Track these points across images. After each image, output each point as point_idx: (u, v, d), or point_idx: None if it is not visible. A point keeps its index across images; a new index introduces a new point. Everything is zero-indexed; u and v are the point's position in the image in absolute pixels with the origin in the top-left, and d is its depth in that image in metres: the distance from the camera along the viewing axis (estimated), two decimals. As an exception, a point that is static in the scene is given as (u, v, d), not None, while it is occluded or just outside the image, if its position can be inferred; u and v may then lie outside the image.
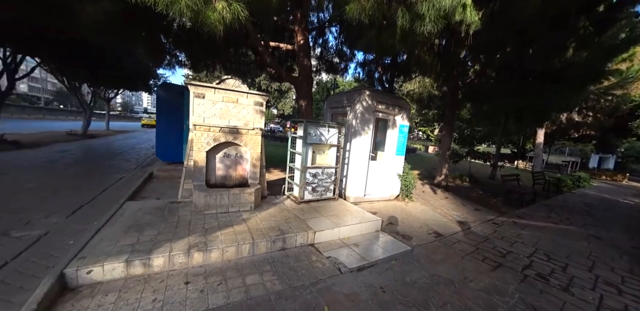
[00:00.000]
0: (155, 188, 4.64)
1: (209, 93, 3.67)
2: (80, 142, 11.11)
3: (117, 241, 2.39)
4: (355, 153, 4.93)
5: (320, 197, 4.41)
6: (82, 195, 3.99)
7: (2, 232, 2.67)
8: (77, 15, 2.63)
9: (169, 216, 3.11)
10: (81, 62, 8.53)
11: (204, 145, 3.60)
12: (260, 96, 4.14)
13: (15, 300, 1.77)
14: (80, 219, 3.12)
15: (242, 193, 3.51)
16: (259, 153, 4.05)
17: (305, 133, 4.08)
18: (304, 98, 5.44)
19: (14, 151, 7.39)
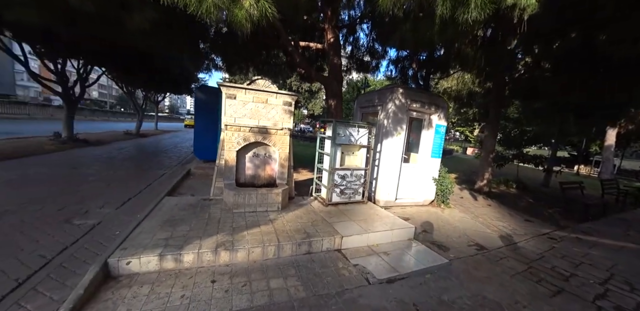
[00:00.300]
0: (191, 185, 4.92)
1: (239, 94, 3.75)
2: (134, 140, 12.44)
3: (153, 234, 2.52)
4: (387, 155, 4.66)
5: (349, 199, 4.25)
6: (131, 188, 4.38)
7: (66, 219, 3.02)
8: (126, 25, 2.85)
9: (200, 213, 3.23)
10: (136, 70, 9.58)
11: (234, 145, 3.68)
12: (289, 96, 4.12)
13: (68, 283, 1.94)
14: (127, 211, 3.40)
15: (270, 193, 3.51)
16: (287, 154, 4.03)
17: (333, 133, 3.95)
18: (333, 98, 5.32)
19: (84, 148, 8.52)
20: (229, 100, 3.71)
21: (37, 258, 2.21)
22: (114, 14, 2.68)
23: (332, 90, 5.37)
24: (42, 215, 3.07)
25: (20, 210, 3.14)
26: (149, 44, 4.22)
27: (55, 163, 5.87)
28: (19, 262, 2.14)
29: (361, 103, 5.82)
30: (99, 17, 2.74)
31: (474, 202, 5.99)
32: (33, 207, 3.28)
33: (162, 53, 6.99)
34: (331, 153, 4.00)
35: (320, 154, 4.60)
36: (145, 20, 2.79)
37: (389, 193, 4.79)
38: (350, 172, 4.20)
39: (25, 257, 2.20)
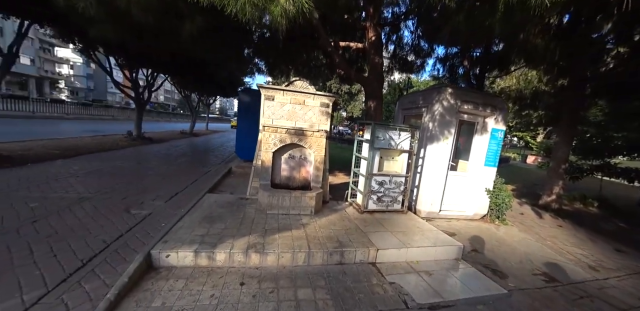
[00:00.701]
0: (231, 183, 5.17)
1: (278, 95, 3.79)
2: (188, 139, 13.85)
3: (192, 230, 2.65)
4: (431, 161, 4.23)
5: (386, 208, 3.95)
6: (180, 183, 4.79)
7: (125, 208, 3.40)
8: (180, 33, 3.09)
9: (236, 211, 3.32)
10: (190, 76, 10.70)
11: (271, 146, 3.72)
12: (327, 97, 4.03)
13: (119, 269, 2.12)
14: (174, 204, 3.70)
15: (304, 196, 3.45)
16: (323, 156, 3.93)
17: (372, 136, 3.72)
18: (373, 99, 5.06)
19: (149, 145, 9.76)
20: (268, 101, 3.78)
21: (99, 242, 2.49)
22: (169, 24, 2.93)
23: (372, 91, 5.12)
24: (109, 203, 3.52)
25: (94, 198, 3.65)
26: (200, 51, 4.57)
27: (126, 158, 6.79)
28: (86, 244, 2.43)
29: (403, 104, 5.44)
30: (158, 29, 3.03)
31: (538, 221, 5.08)
32: (103, 195, 3.78)
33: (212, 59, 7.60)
34: (369, 157, 3.77)
35: (357, 158, 4.40)
36: (195, 27, 2.98)
37: (432, 203, 4.33)
38: (389, 178, 3.90)
39: (91, 240, 2.50)
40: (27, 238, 2.43)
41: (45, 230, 2.61)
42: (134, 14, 2.53)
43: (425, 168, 4.29)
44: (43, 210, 3.07)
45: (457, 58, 7.52)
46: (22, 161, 5.15)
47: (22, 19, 5.01)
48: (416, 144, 4.00)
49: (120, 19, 2.65)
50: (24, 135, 8.24)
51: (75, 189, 3.91)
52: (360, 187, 4.19)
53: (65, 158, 5.95)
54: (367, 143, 3.97)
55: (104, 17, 2.59)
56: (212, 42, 4.09)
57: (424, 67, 8.36)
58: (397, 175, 3.97)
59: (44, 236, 2.50)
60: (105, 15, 2.52)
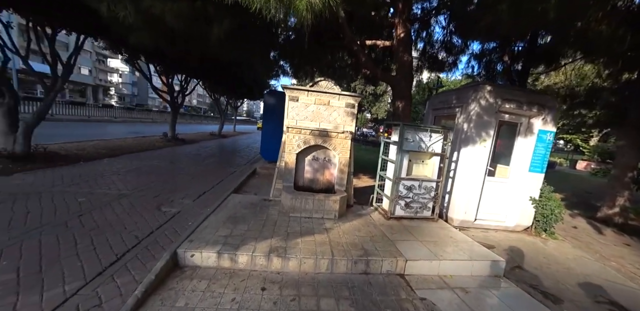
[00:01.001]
0: (255, 183, 5.25)
1: (302, 96, 3.74)
2: (216, 140, 14.54)
3: (216, 230, 2.68)
4: (466, 166, 3.87)
5: (415, 214, 3.69)
6: (207, 183, 4.97)
7: (157, 206, 3.58)
8: (209, 37, 3.18)
9: (259, 213, 3.31)
10: (220, 80, 11.24)
11: (294, 147, 3.68)
12: (352, 97, 3.90)
13: (148, 266, 2.20)
14: (201, 203, 3.82)
15: (327, 199, 3.34)
16: (348, 159, 3.80)
17: (400, 138, 3.50)
18: (401, 99, 4.81)
19: (181, 146, 10.41)
20: (292, 102, 3.75)
21: (132, 238, 2.62)
22: (199, 29, 3.03)
23: (400, 91, 4.87)
24: (143, 200, 3.74)
25: (132, 195, 3.91)
26: (227, 55, 4.71)
27: (161, 157, 7.27)
28: (121, 239, 2.57)
29: (434, 104, 5.10)
30: (188, 34, 3.17)
31: (597, 236, 4.40)
32: (139, 192, 4.04)
33: (239, 63, 7.87)
34: (396, 160, 3.55)
35: (383, 161, 4.19)
36: (222, 31, 3.05)
37: (467, 211, 3.96)
38: (419, 183, 3.64)
39: (126, 236, 2.64)
40: (74, 231, 2.64)
41: (88, 224, 2.82)
42: (167, 21, 2.66)
43: (459, 173, 3.94)
44: (88, 205, 3.34)
45: (496, 53, 6.92)
46: (76, 160, 5.74)
47: (78, 33, 5.60)
48: (449, 147, 3.69)
49: (155, 26, 2.80)
50: (81, 137, 9.24)
51: (116, 186, 4.23)
52: (386, 191, 3.98)
53: (111, 157, 6.53)
54: (395, 146, 3.75)
55: (141, 25, 2.75)
56: (239, 45, 4.19)
57: (457, 65, 7.84)
58: (428, 180, 3.69)
59: (87, 229, 2.70)
60: (142, 23, 2.68)
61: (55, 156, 5.56)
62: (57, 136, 8.79)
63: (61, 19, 5.02)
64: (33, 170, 4.63)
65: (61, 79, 5.42)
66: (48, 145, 6.71)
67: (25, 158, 4.94)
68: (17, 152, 4.93)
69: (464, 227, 3.99)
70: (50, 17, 5.02)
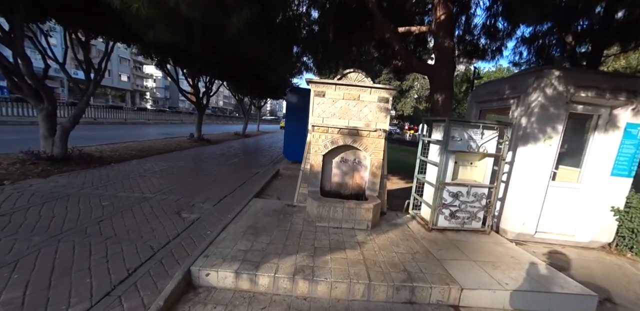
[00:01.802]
0: (278, 186, 4.97)
1: (329, 91, 3.34)
2: (240, 140, 14.71)
3: (235, 243, 2.39)
4: (524, 168, 3.21)
5: (462, 226, 3.13)
6: (229, 185, 4.79)
7: (177, 211, 3.42)
8: (226, 29, 2.89)
9: (282, 222, 2.99)
10: (243, 80, 11.26)
11: (321, 148, 3.30)
12: (386, 90, 3.41)
13: (159, 285, 1.95)
14: (221, 209, 3.60)
15: (359, 208, 2.92)
16: (381, 160, 3.33)
17: (446, 136, 2.95)
18: (441, 91, 4.20)
19: (207, 146, 10.58)
20: (318, 98, 3.36)
21: (147, 249, 2.43)
22: (216, 19, 2.76)
23: (439, 82, 4.26)
24: (164, 204, 3.61)
25: (154, 198, 3.81)
26: (247, 50, 4.46)
27: (186, 158, 7.34)
28: (136, 250, 2.38)
29: (479, 96, 4.42)
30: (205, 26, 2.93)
31: None
32: (161, 196, 3.94)
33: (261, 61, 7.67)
34: (440, 162, 3.01)
35: (421, 162, 3.66)
36: (241, 22, 2.75)
37: (525, 222, 3.30)
38: (467, 188, 3.06)
39: (141, 246, 2.46)
40: (91, 239, 2.52)
41: (106, 231, 2.70)
42: (182, 10, 2.41)
43: (516, 176, 3.28)
44: (110, 209, 3.26)
45: (551, 35, 5.93)
46: (108, 161, 5.92)
47: (107, 38, 5.74)
48: (505, 146, 3.05)
49: (170, 17, 2.57)
50: (117, 138, 9.77)
51: (140, 189, 4.18)
52: (425, 197, 3.45)
53: (139, 159, 6.69)
54: (438, 145, 3.21)
55: (156, 17, 2.53)
56: (259, 39, 3.89)
57: (501, 52, 6.89)
58: (478, 186, 3.10)
59: (104, 237, 2.56)
60: (157, 15, 2.46)
61: (89, 158, 5.78)
62: (97, 138, 9.36)
63: (88, 25, 5.15)
64: (67, 172, 4.78)
65: (93, 83, 5.58)
66: (84, 147, 7.08)
67: (62, 161, 5.14)
68: (55, 155, 5.15)
69: (521, 240, 3.33)
70: (79, 24, 5.18)
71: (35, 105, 5.19)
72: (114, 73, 36.44)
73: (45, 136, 5.29)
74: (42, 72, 5.32)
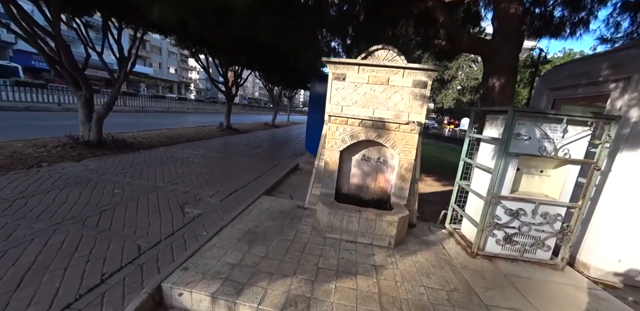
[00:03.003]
0: (294, 181, 4.56)
1: (350, 73, 2.71)
2: (269, 130, 14.71)
3: (224, 253, 2.02)
4: (631, 182, 2.25)
5: (521, 254, 2.34)
6: (244, 178, 4.52)
7: (182, 204, 3.21)
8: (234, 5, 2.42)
9: (287, 228, 2.54)
10: (272, 70, 11.01)
11: (338, 143, 2.73)
12: (423, 72, 2.66)
13: (127, 298, 1.66)
14: (228, 205, 3.30)
15: (380, 220, 2.33)
16: (413, 161, 2.65)
17: (507, 133, 2.15)
18: (499, 74, 3.25)
19: (234, 135, 10.67)
20: (337, 82, 2.76)
21: (134, 248, 2.19)
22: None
23: (498, 62, 3.30)
24: (172, 195, 3.44)
25: (164, 188, 3.68)
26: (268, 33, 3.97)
27: (211, 147, 7.35)
28: (121, 250, 2.15)
29: (553, 81, 3.39)
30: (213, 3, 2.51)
31: None
32: (172, 186, 3.80)
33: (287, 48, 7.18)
34: (495, 168, 2.23)
35: (465, 165, 2.87)
36: None
37: (622, 258, 2.37)
38: (533, 206, 2.24)
39: (129, 245, 2.23)
40: (84, 231, 2.37)
41: (104, 223, 2.55)
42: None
43: (613, 192, 2.33)
44: (118, 198, 3.17)
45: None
46: (138, 147, 6.13)
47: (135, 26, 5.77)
48: (605, 149, 2.12)
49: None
50: (155, 126, 10.35)
51: (155, 177, 4.11)
52: (469, 210, 2.69)
53: (167, 146, 6.84)
54: (493, 145, 2.41)
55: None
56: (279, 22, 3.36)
57: (587, 24, 5.35)
58: (551, 203, 2.25)
59: (97, 231, 2.40)
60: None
61: (122, 143, 6.02)
62: (137, 125, 10.01)
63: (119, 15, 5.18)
64: (99, 157, 4.98)
65: (123, 72, 5.69)
66: (122, 133, 7.50)
67: (97, 145, 5.40)
68: (91, 140, 5.43)
69: (611, 281, 2.41)
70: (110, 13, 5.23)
71: (75, 92, 5.48)
72: (164, 66, 39.49)
73: (83, 121, 5.59)
74: (84, 61, 5.56)
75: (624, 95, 2.45)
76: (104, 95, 14.68)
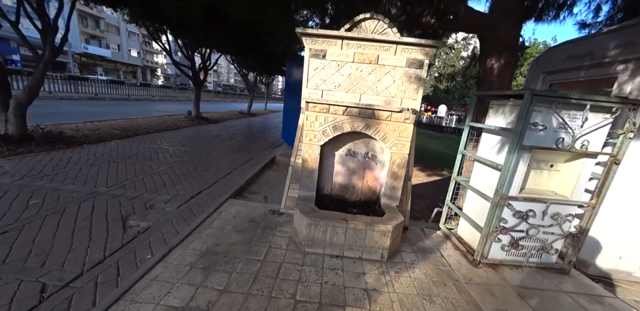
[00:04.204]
0: (269, 179, 4.03)
1: (332, 49, 2.16)
2: (245, 119, 13.72)
3: (168, 291, 1.49)
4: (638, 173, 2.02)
5: (526, 260, 2.08)
6: (211, 176, 3.90)
7: (127, 215, 2.57)
8: None
9: (257, 243, 2.05)
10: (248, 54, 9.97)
11: (317, 136, 2.23)
12: (420, 48, 2.19)
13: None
14: (187, 213, 2.71)
15: (371, 230, 1.91)
16: (407, 156, 2.24)
17: (522, 123, 1.77)
18: (499, 54, 2.88)
19: (204, 125, 9.68)
20: (315, 60, 2.21)
21: (35, 290, 1.56)
22: None
23: (497, 39, 2.92)
24: (114, 203, 2.76)
25: (105, 194, 2.97)
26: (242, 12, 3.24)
27: (175, 139, 6.48)
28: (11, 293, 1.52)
29: (548, 65, 3.14)
30: None
31: None
32: (117, 191, 3.09)
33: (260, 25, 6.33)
34: (505, 164, 1.87)
35: (464, 158, 2.53)
36: None
37: (624, 255, 2.21)
38: (544, 206, 1.95)
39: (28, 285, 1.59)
40: (-32, 266, 1.70)
41: (2, 250, 1.88)
42: None
43: (620, 186, 2.11)
44: (33, 212, 2.43)
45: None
46: (81, 142, 5.14)
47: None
48: (628, 140, 1.83)
49: None
50: (111, 115, 9.02)
51: (96, 180, 3.36)
52: (468, 209, 2.38)
53: (122, 139, 5.89)
54: (500, 136, 2.05)
55: None
56: None
57: (571, 8, 5.15)
58: (562, 202, 1.97)
59: (-10, 263, 1.74)
60: None
61: (57, 137, 5.00)
62: (87, 114, 8.64)
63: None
64: (20, 155, 4.02)
65: (49, 48, 4.57)
66: (63, 124, 6.33)
67: (18, 141, 4.37)
68: (11, 133, 4.38)
69: (610, 279, 2.27)
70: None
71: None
72: (124, 48, 35.18)
73: (-7, 111, 4.47)
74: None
75: (634, 78, 2.18)
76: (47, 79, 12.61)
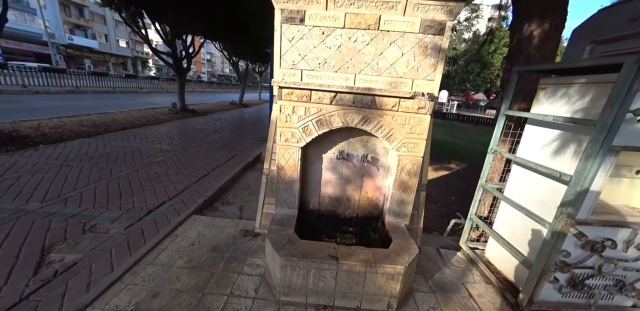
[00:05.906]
0: (251, 182, 3.41)
1: (314, 9, 1.45)
2: (236, 110, 12.92)
3: None
4: None
5: (593, 305, 1.49)
6: (181, 181, 3.26)
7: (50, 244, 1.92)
8: None
9: (214, 289, 1.45)
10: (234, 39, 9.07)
11: (296, 135, 1.57)
12: (442, 3, 1.48)
13: None
14: (135, 236, 2.09)
15: (372, 273, 1.31)
16: (420, 160, 1.59)
17: (613, 111, 1.11)
18: (541, 17, 2.16)
19: (189, 118, 8.93)
20: (289, 27, 1.50)
21: None
22: None
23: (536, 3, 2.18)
24: (41, 226, 2.14)
25: (36, 212, 2.33)
26: None
27: (151, 136, 5.78)
28: None
29: (599, 32, 2.44)
30: None
31: None
32: (53, 207, 2.47)
33: None
34: (579, 174, 1.23)
35: (491, 159, 1.89)
36: None
37: None
38: (629, 232, 1.33)
39: None
40: None
41: None
42: None
43: None
44: None
45: None
46: (38, 141, 4.47)
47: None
48: None
49: None
50: (90, 110, 8.23)
51: (33, 191, 2.72)
52: (503, 229, 1.77)
53: (90, 137, 5.20)
54: (562, 131, 1.40)
55: None
56: None
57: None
58: (649, 224, 1.35)
59: None
60: None
61: (8, 137, 4.33)
62: (63, 109, 7.85)
63: None
64: (-47, 161, 3.37)
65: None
66: (22, 121, 5.61)
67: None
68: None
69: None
70: None
71: None
72: (112, 38, 33.30)
73: None
74: None
75: None
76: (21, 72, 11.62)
